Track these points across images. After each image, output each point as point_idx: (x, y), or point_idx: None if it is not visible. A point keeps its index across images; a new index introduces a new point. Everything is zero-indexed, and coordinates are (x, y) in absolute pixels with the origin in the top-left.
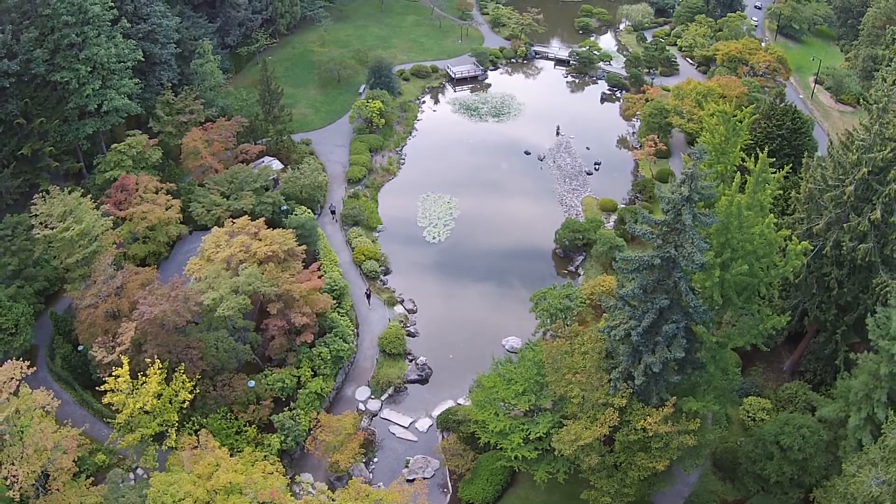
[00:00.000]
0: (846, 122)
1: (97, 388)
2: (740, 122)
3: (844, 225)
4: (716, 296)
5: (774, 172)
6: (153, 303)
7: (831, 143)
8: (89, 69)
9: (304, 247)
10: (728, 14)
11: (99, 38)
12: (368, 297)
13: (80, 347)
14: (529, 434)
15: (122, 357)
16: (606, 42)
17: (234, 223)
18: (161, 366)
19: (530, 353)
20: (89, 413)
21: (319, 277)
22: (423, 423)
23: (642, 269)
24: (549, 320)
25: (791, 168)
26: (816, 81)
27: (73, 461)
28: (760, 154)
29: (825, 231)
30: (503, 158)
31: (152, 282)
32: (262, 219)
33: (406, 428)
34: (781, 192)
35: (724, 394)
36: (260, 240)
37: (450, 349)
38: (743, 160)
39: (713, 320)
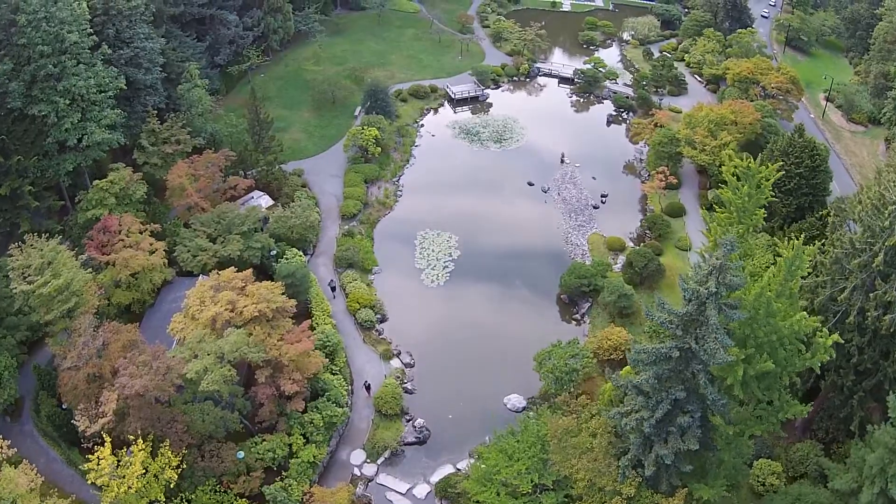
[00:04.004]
0: (858, 144)
1: (83, 447)
2: (767, 179)
3: (870, 294)
4: (737, 391)
5: (806, 244)
6: (134, 373)
7: (860, 201)
8: (68, 101)
9: (293, 301)
10: (738, 30)
11: (78, 67)
12: (368, 388)
13: (65, 405)
14: None
15: (104, 433)
16: (611, 56)
17: (219, 275)
18: (144, 442)
19: (534, 427)
20: (77, 473)
21: (310, 337)
22: (422, 490)
23: (659, 361)
24: (553, 383)
25: (808, 207)
26: (828, 99)
27: None
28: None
29: (849, 297)
30: (505, 190)
31: (135, 343)
32: (250, 269)
33: (403, 495)
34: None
35: (736, 469)
36: (247, 295)
37: (449, 408)
38: (765, 219)
39: (732, 410)
